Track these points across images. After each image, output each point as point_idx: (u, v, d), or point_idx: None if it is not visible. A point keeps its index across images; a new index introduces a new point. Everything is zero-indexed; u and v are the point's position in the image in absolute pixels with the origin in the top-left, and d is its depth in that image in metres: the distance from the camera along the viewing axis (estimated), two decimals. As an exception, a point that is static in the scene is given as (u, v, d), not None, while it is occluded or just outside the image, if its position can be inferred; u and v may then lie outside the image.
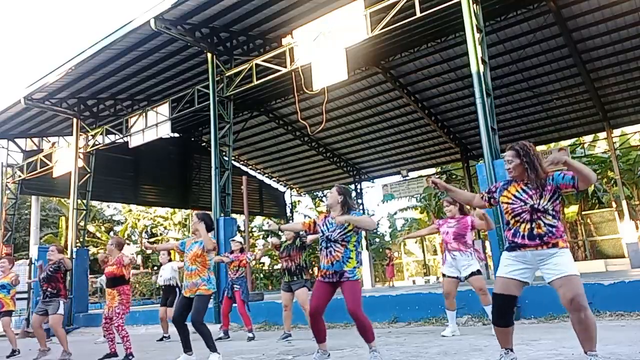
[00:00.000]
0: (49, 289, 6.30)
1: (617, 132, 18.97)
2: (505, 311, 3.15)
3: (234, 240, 7.86)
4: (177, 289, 8.50)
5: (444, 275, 5.68)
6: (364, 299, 8.30)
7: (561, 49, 14.16)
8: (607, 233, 19.31)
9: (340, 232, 4.02)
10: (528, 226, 3.11)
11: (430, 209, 27.50)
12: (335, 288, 4.08)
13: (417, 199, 27.29)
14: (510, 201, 3.22)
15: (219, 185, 11.10)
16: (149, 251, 30.77)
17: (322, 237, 4.12)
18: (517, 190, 3.21)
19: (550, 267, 3.04)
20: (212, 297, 5.06)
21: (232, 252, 7.72)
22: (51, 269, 6.36)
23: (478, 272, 5.48)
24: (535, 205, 3.11)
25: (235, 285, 7.48)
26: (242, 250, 7.74)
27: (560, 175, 3.13)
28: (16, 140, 17.44)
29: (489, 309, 5.50)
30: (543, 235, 3.07)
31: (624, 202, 17.12)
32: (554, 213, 3.11)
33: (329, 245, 4.04)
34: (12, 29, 78.41)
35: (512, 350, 3.23)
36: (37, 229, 17.90)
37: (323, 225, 4.15)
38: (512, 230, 3.19)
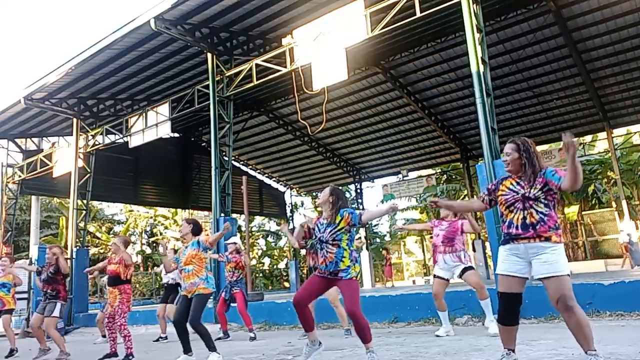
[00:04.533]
0: (48, 291, 6.33)
1: (617, 132, 18.97)
2: (512, 309, 3.17)
3: (228, 242, 7.84)
4: (179, 288, 8.44)
5: (434, 276, 5.72)
6: (364, 299, 8.35)
7: (561, 49, 14.16)
8: (607, 233, 19.30)
9: (331, 231, 4.02)
10: (521, 215, 3.14)
11: (430, 209, 27.49)
12: (329, 285, 4.09)
13: (417, 199, 27.29)
14: (504, 193, 3.28)
15: (219, 185, 11.09)
16: (148, 251, 30.83)
17: (315, 240, 4.15)
18: (511, 184, 3.27)
19: (540, 264, 3.06)
20: (211, 296, 5.06)
21: (229, 253, 7.71)
22: (51, 271, 6.38)
23: (470, 267, 5.55)
24: (527, 194, 3.14)
25: (234, 288, 7.47)
26: (238, 252, 7.72)
27: (551, 172, 3.15)
28: (16, 140, 17.44)
29: (484, 304, 5.54)
30: (536, 225, 3.09)
31: (624, 202, 17.11)
32: (546, 202, 3.12)
33: (322, 246, 4.05)
34: (12, 29, 78.43)
35: (513, 351, 3.22)
36: (37, 229, 17.89)
37: (315, 228, 4.17)
38: (507, 222, 3.23)
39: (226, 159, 11.64)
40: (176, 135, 20.53)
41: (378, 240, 31.19)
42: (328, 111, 17.16)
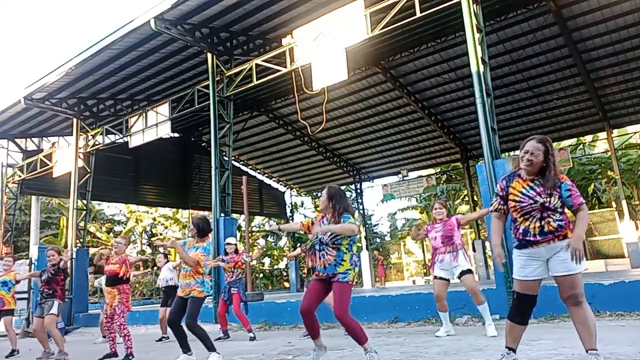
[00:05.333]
0: (45, 290, 6.34)
1: (616, 131, 18.96)
2: (525, 309, 3.16)
3: (228, 243, 7.83)
4: (177, 289, 8.43)
5: (435, 277, 5.69)
6: (365, 299, 8.36)
7: (561, 49, 14.16)
8: (607, 233, 19.30)
9: (331, 235, 3.98)
10: (538, 224, 3.06)
11: (430, 209, 27.47)
12: (330, 287, 4.06)
13: (417, 199, 27.28)
14: (517, 199, 3.13)
15: (219, 185, 11.09)
16: (148, 251, 30.82)
17: (315, 240, 4.08)
18: (524, 187, 3.12)
19: (558, 262, 3.03)
20: (205, 300, 5.02)
21: (226, 254, 7.68)
22: (52, 271, 6.38)
23: (469, 271, 5.50)
24: (546, 204, 3.05)
25: (232, 288, 7.45)
26: (236, 251, 7.70)
27: (567, 191, 3.06)
28: (16, 140, 17.43)
29: (482, 309, 5.52)
30: (554, 231, 3.05)
31: (624, 202, 17.11)
32: (561, 210, 3.09)
33: (321, 248, 4.00)
34: (12, 29, 78.43)
35: (514, 351, 3.19)
36: (37, 229, 17.89)
37: (318, 226, 4.11)
38: (521, 230, 3.12)
39: (226, 159, 11.64)
40: (176, 135, 20.54)
41: (378, 240, 31.18)
42: (328, 111, 17.16)
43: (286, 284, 27.58)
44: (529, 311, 3.16)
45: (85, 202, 15.44)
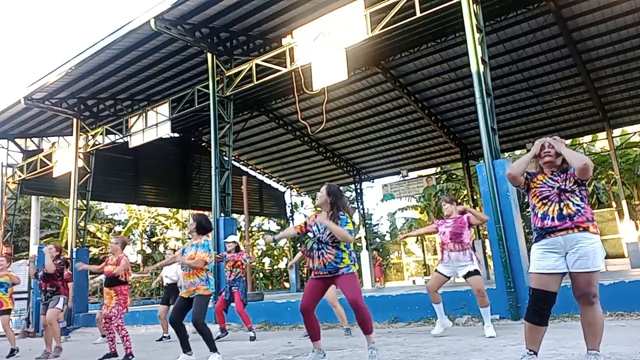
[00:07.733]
0: (48, 288, 6.35)
1: (615, 132, 18.96)
2: (544, 308, 3.02)
3: (227, 241, 7.83)
4: (179, 289, 8.43)
5: (436, 270, 5.67)
6: (364, 299, 8.33)
7: (561, 49, 14.16)
8: (607, 233, 19.30)
9: (330, 233, 3.97)
10: (557, 207, 3.07)
11: (430, 209, 27.50)
12: (328, 285, 4.05)
13: (417, 199, 27.29)
14: (538, 186, 3.21)
15: (219, 185, 11.09)
16: (148, 251, 30.82)
17: (313, 239, 4.07)
18: (544, 179, 3.21)
19: (577, 258, 2.97)
20: (210, 297, 5.03)
21: (228, 252, 7.70)
22: (46, 269, 6.39)
23: (476, 272, 5.45)
24: (562, 186, 3.11)
25: (233, 287, 7.46)
26: (237, 250, 7.70)
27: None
28: (16, 140, 17.43)
29: (484, 311, 5.49)
30: (573, 216, 3.02)
31: (623, 202, 17.11)
32: (580, 196, 3.09)
33: (320, 247, 4.00)
34: (13, 29, 78.44)
35: (536, 353, 3.03)
36: (37, 229, 17.89)
37: (314, 226, 4.10)
38: (541, 215, 3.13)
39: (226, 159, 11.64)
40: (176, 135, 20.54)
41: (378, 240, 31.17)
42: (328, 111, 17.16)
43: (286, 284, 27.55)
44: (548, 310, 3.02)
45: (85, 202, 15.44)
